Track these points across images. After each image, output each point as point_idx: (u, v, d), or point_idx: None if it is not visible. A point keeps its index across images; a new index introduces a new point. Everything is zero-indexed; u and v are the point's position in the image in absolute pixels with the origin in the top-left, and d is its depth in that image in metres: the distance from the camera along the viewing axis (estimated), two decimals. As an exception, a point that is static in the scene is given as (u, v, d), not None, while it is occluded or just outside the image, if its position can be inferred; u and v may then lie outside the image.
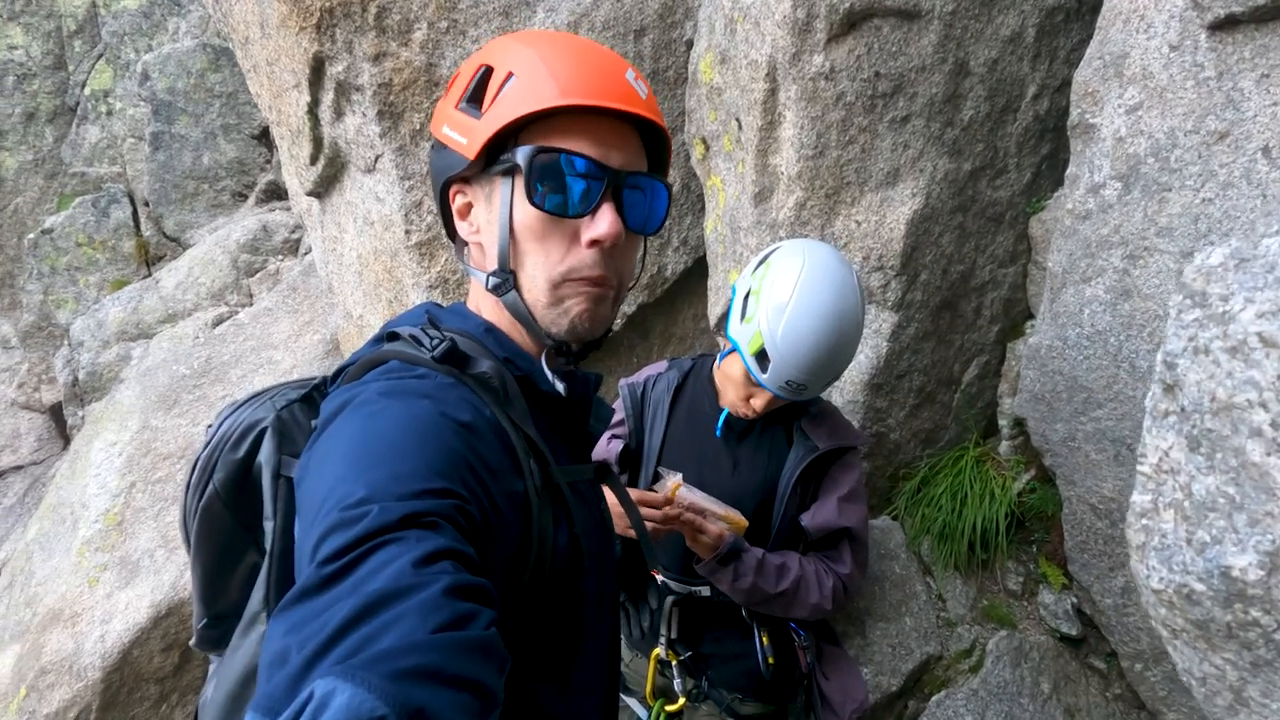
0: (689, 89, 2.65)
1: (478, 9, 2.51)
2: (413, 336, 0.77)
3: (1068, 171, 2.06)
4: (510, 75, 0.78)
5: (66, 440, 4.42)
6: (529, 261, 0.79)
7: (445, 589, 0.50)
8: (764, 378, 1.41)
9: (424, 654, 0.45)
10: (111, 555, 3.04)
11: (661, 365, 1.77)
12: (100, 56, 4.86)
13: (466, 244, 0.87)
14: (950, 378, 2.52)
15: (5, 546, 4.05)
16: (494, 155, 0.79)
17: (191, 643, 0.87)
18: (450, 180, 0.84)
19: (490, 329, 0.85)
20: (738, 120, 2.34)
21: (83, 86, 4.85)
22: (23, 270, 4.62)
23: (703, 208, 2.83)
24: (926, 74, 2.14)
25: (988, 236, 2.41)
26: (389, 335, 0.82)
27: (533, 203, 0.77)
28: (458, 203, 0.85)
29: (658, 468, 1.46)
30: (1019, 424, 2.42)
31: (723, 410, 1.59)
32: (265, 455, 0.80)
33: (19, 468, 4.37)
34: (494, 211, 0.80)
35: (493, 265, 0.81)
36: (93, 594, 2.95)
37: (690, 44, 2.71)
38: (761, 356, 1.40)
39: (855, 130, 2.15)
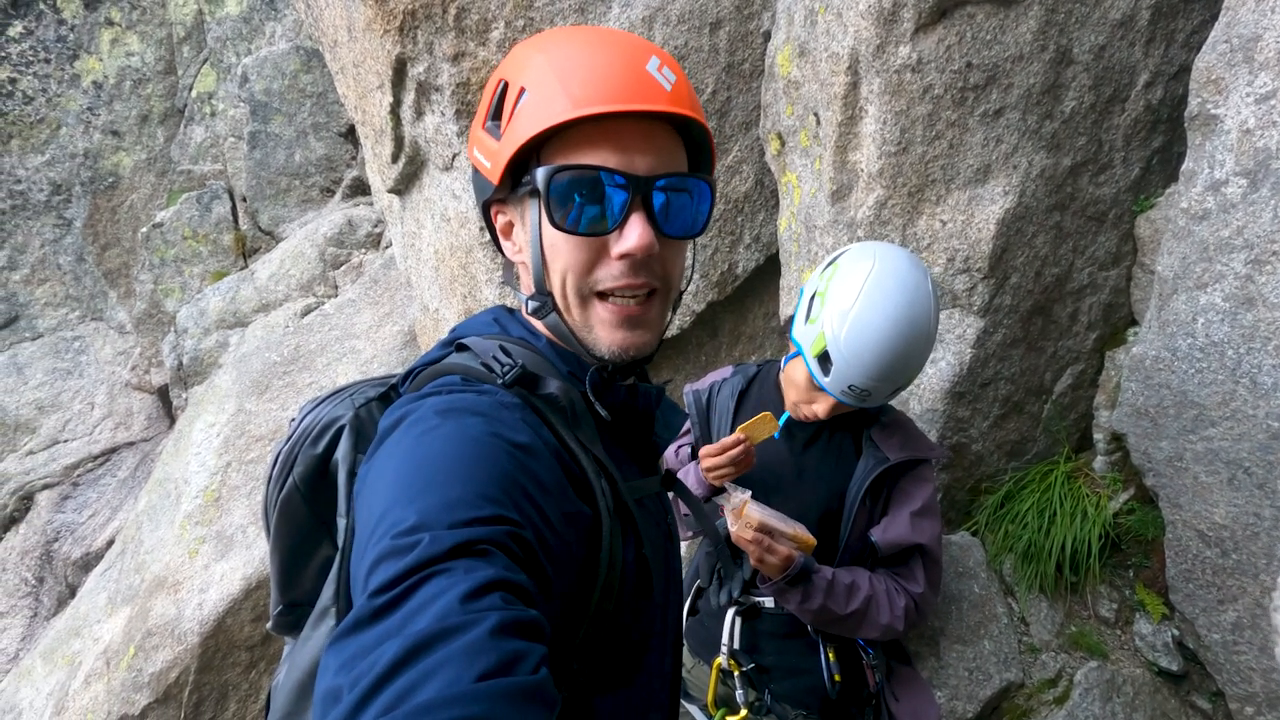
0: (765, 82, 2.58)
1: (553, 6, 2.52)
2: (485, 365, 0.76)
3: (1183, 167, 1.89)
4: (523, 91, 0.75)
5: (172, 420, 4.78)
6: (558, 280, 0.77)
7: (492, 629, 0.49)
8: (826, 381, 1.36)
9: (467, 706, 0.45)
10: (209, 529, 3.26)
11: (726, 371, 1.74)
12: (205, 61, 5.20)
13: (514, 264, 0.86)
14: (1040, 387, 2.36)
15: (119, 516, 4.42)
16: (520, 174, 0.77)
17: (268, 626, 0.90)
18: (489, 201, 0.83)
19: (552, 344, 0.84)
20: (816, 115, 2.26)
21: (190, 89, 5.20)
22: (137, 261, 5.01)
23: (776, 204, 2.76)
24: (1024, 63, 2.00)
25: (1088, 237, 2.24)
26: (458, 345, 0.82)
27: (555, 225, 0.74)
28: (499, 223, 0.84)
29: (725, 482, 1.43)
30: (1117, 439, 2.24)
31: (785, 414, 1.55)
32: (342, 453, 0.81)
33: (131, 444, 4.77)
34: (528, 233, 0.79)
35: (532, 288, 0.80)
36: (192, 564, 3.17)
37: (768, 36, 2.63)
38: (824, 359, 1.36)
39: (943, 125, 2.04)
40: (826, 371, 1.36)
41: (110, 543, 4.22)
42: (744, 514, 1.31)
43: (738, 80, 2.69)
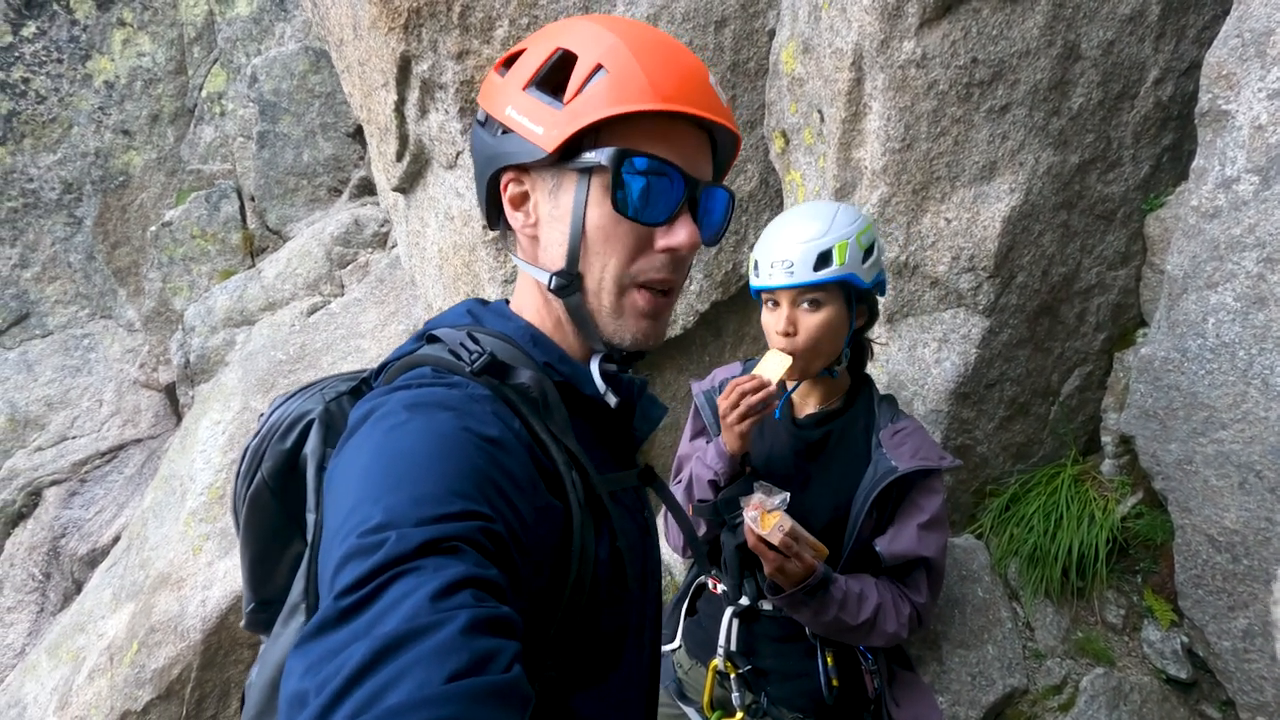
0: (769, 80, 2.56)
1: (558, 4, 2.52)
2: (452, 352, 0.75)
3: (1193, 164, 1.86)
4: (599, 67, 0.74)
5: (179, 417, 4.79)
6: (598, 264, 0.77)
7: (463, 627, 0.48)
8: (760, 281, 1.47)
9: (438, 708, 0.44)
10: (213, 526, 3.27)
11: (735, 367, 1.72)
12: (215, 61, 5.23)
13: (513, 233, 0.84)
14: (1047, 388, 2.33)
15: (125, 513, 4.45)
16: (568, 149, 0.76)
17: (242, 624, 0.89)
18: (505, 165, 0.81)
19: (532, 332, 0.82)
20: (820, 112, 2.24)
21: (200, 89, 5.23)
22: (146, 260, 5.04)
23: (780, 203, 2.74)
24: (1031, 59, 1.98)
25: (1096, 236, 2.21)
26: (429, 337, 0.81)
27: (617, 208, 0.75)
28: (510, 191, 0.81)
29: (755, 482, 1.39)
30: (1125, 442, 2.20)
31: (789, 408, 1.53)
32: (311, 447, 0.80)
33: (139, 441, 4.79)
34: (561, 208, 0.77)
35: (554, 264, 0.79)
36: (196, 561, 3.18)
37: (772, 34, 2.62)
38: (756, 265, 1.50)
39: (948, 121, 2.01)
40: (759, 272, 1.48)
41: (116, 539, 4.24)
42: (779, 517, 1.27)
43: (742, 79, 2.67)
